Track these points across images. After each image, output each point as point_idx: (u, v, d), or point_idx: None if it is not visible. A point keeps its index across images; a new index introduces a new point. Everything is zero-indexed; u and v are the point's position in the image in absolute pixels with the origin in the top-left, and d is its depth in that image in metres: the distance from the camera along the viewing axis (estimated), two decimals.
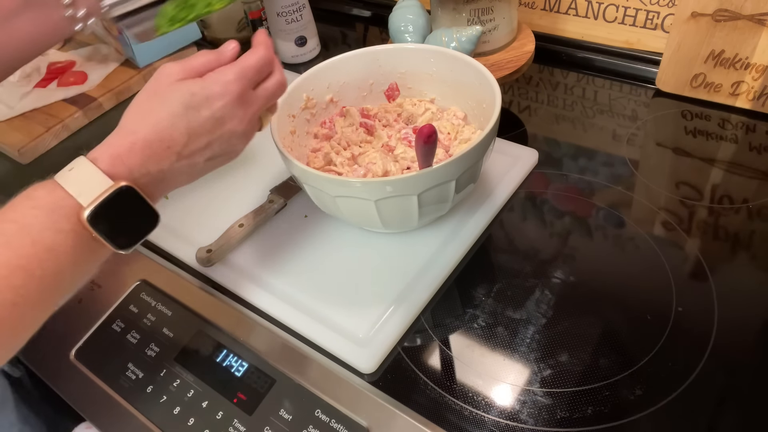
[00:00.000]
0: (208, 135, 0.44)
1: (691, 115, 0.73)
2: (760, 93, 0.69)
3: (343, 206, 0.53)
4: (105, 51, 0.96)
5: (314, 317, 0.53)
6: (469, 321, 0.53)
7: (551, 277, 0.55)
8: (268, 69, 0.47)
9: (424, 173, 0.49)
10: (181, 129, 0.42)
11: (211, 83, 0.43)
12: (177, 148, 0.43)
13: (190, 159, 0.44)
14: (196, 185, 0.49)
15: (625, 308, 0.53)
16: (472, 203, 0.61)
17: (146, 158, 0.42)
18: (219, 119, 0.44)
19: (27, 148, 0.80)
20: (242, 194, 0.66)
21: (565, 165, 0.68)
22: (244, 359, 0.52)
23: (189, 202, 0.66)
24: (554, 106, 0.78)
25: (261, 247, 0.61)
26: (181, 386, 0.52)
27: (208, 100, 0.43)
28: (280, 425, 0.47)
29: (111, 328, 0.57)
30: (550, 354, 0.50)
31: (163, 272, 0.60)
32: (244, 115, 0.45)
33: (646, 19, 0.78)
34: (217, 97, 0.43)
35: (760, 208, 0.59)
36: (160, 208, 0.44)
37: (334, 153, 0.61)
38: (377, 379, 0.50)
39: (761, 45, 0.67)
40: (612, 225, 0.60)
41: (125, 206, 0.41)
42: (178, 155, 0.43)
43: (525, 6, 0.86)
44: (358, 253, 0.59)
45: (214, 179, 0.69)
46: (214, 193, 0.67)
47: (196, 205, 0.66)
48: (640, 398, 0.46)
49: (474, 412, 0.47)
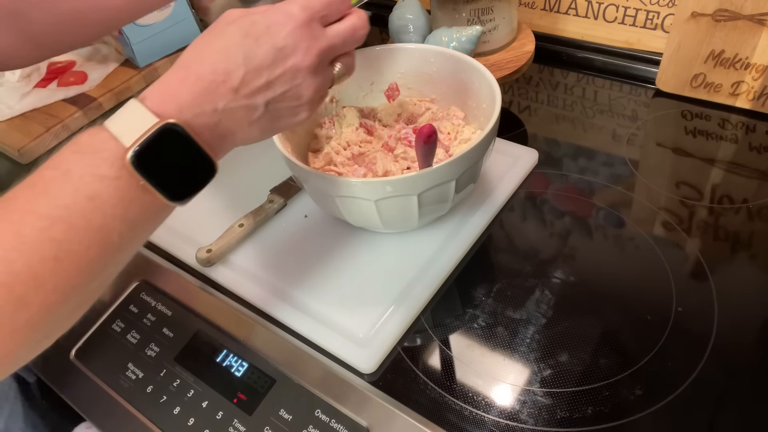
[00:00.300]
0: (268, 70, 0.38)
1: (691, 115, 0.73)
2: (760, 93, 0.69)
3: (343, 206, 0.53)
4: (105, 51, 0.96)
5: (314, 317, 0.53)
6: (469, 321, 0.53)
7: (551, 277, 0.55)
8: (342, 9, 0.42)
9: (424, 173, 0.49)
10: (238, 60, 0.37)
11: (273, 11, 0.39)
12: (233, 83, 0.37)
13: (249, 99, 0.38)
14: None
15: (625, 308, 0.53)
16: (472, 203, 0.61)
17: (198, 94, 0.37)
18: (281, 50, 0.38)
19: (27, 148, 0.80)
20: (242, 194, 0.66)
21: (565, 165, 0.68)
22: (244, 359, 0.52)
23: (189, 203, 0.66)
24: (554, 106, 0.78)
25: (261, 247, 0.61)
26: (181, 386, 0.52)
27: (269, 29, 0.38)
28: (280, 425, 0.47)
29: (111, 328, 0.57)
30: (550, 354, 0.50)
31: (163, 272, 0.60)
32: (310, 49, 0.40)
33: (646, 19, 0.78)
34: (280, 24, 0.39)
35: (760, 208, 0.59)
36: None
37: (334, 153, 0.61)
38: (377, 379, 0.50)
39: (761, 45, 0.67)
40: (612, 225, 0.60)
41: (174, 149, 0.36)
42: (234, 92, 0.38)
43: (525, 6, 0.86)
44: (358, 253, 0.59)
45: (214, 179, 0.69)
46: (214, 193, 0.67)
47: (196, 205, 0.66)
48: (640, 398, 0.46)
49: (474, 412, 0.47)
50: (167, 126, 0.35)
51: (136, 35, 0.88)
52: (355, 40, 0.43)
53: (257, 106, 0.39)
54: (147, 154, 0.34)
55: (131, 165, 0.34)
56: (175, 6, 0.90)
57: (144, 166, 0.35)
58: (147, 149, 0.34)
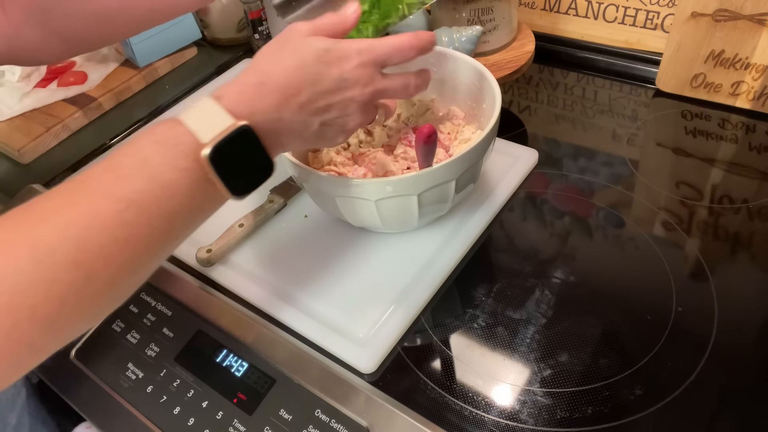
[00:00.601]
0: (330, 95, 0.43)
1: (691, 115, 0.73)
2: (760, 93, 0.69)
3: (343, 206, 0.53)
4: (105, 51, 0.96)
5: (314, 317, 0.53)
6: (469, 321, 0.53)
7: (551, 277, 0.55)
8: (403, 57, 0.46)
9: (424, 173, 0.49)
10: (309, 80, 0.41)
11: (346, 45, 0.43)
12: (301, 99, 0.41)
13: (308, 116, 0.42)
14: None
15: (625, 308, 0.53)
16: (472, 203, 0.61)
17: (271, 102, 0.40)
18: (344, 81, 0.43)
19: (27, 148, 0.80)
20: None
21: (565, 165, 0.68)
22: (244, 359, 0.52)
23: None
24: (554, 106, 0.78)
25: (261, 247, 0.61)
26: (181, 386, 0.52)
27: (339, 59, 0.42)
28: (280, 425, 0.47)
29: (111, 328, 0.57)
30: (550, 354, 0.50)
31: (163, 272, 0.60)
32: (366, 87, 0.44)
33: (646, 19, 0.78)
34: (349, 58, 0.43)
35: (760, 208, 0.59)
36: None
37: (334, 153, 0.61)
38: (377, 379, 0.50)
39: (761, 45, 0.67)
40: (612, 225, 0.60)
41: (244, 149, 0.39)
42: (299, 107, 0.41)
43: (525, 6, 0.86)
44: (358, 253, 0.59)
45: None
46: None
47: None
48: (640, 398, 0.46)
49: (474, 412, 0.47)
50: (242, 128, 0.38)
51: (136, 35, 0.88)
52: (404, 94, 0.48)
53: (312, 124, 0.43)
54: (220, 151, 0.37)
55: (206, 160, 0.37)
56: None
57: (215, 162, 0.37)
58: (221, 148, 0.37)
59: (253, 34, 0.92)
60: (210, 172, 0.37)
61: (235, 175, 0.39)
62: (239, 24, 0.98)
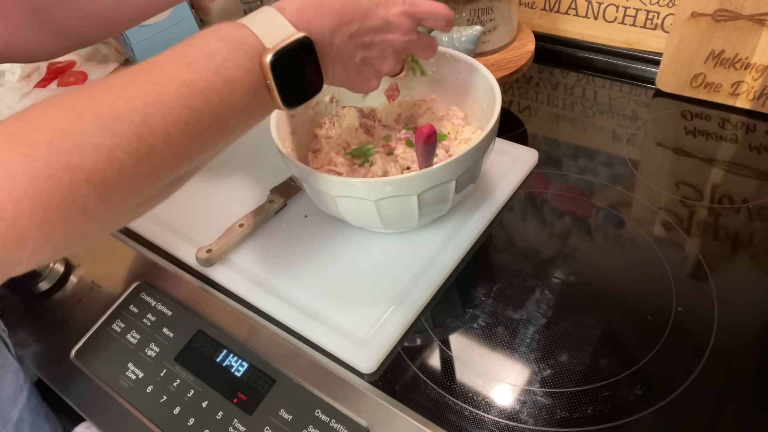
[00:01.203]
0: (375, 33, 0.46)
1: (691, 115, 0.73)
2: (760, 93, 0.69)
3: (343, 206, 0.53)
4: (105, 51, 0.96)
5: (314, 317, 0.53)
6: (469, 321, 0.53)
7: (551, 277, 0.55)
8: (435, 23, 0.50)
9: (424, 173, 0.49)
10: (361, 13, 0.44)
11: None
12: (352, 29, 0.44)
13: (355, 47, 0.45)
14: (197, 185, 0.49)
15: (625, 308, 0.53)
16: (472, 203, 0.61)
17: (328, 24, 0.42)
18: (389, 23, 0.46)
19: None
20: (242, 194, 0.66)
21: (565, 165, 0.68)
22: (244, 359, 0.52)
23: (189, 202, 0.66)
24: (554, 106, 0.78)
25: (261, 247, 0.61)
26: (181, 386, 0.52)
27: (387, 3, 0.46)
28: (280, 425, 0.47)
29: (111, 328, 0.57)
30: (550, 354, 0.50)
31: (163, 272, 0.60)
32: (405, 36, 0.47)
33: (646, 19, 0.78)
34: (396, 4, 0.46)
35: (760, 208, 0.59)
36: (162, 209, 0.43)
37: (334, 153, 0.61)
38: (377, 379, 0.50)
39: (761, 45, 0.67)
40: (612, 225, 0.60)
41: (301, 60, 0.41)
42: (350, 36, 0.44)
43: (525, 6, 0.86)
44: (358, 253, 0.59)
45: (214, 179, 0.69)
46: (214, 193, 0.67)
47: (196, 205, 0.66)
48: (640, 398, 0.46)
49: (474, 412, 0.47)
50: (304, 40, 0.40)
51: (136, 35, 0.88)
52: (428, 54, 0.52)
53: (356, 56, 0.46)
54: (281, 58, 0.39)
55: (268, 64, 0.38)
56: (175, 6, 0.90)
57: (275, 69, 0.39)
58: (282, 55, 0.39)
59: None
60: (269, 76, 0.39)
61: (289, 84, 0.40)
62: None
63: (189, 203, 0.66)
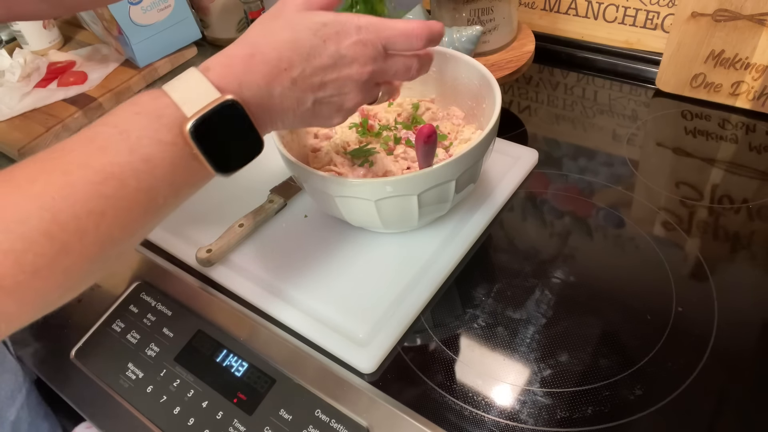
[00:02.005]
0: (325, 72, 0.41)
1: (691, 115, 0.73)
2: (760, 93, 0.69)
3: (343, 206, 0.53)
4: (105, 51, 0.96)
5: (314, 317, 0.53)
6: (469, 321, 0.53)
7: (551, 277, 0.55)
8: (409, 45, 0.44)
9: (424, 173, 0.49)
10: (303, 54, 0.40)
11: (346, 20, 0.41)
12: (294, 73, 0.40)
13: (302, 92, 0.41)
14: None
15: (624, 308, 0.53)
16: (472, 203, 0.61)
17: (261, 76, 0.39)
18: (342, 58, 0.41)
19: (27, 148, 0.80)
20: (242, 194, 0.66)
21: (565, 165, 0.68)
22: (244, 359, 0.52)
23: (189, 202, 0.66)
24: (554, 106, 0.78)
25: (261, 247, 0.61)
26: (181, 386, 0.52)
27: (338, 34, 0.41)
28: (280, 425, 0.47)
29: (111, 328, 0.57)
30: (550, 354, 0.50)
31: (163, 272, 0.60)
32: (365, 67, 0.42)
33: (646, 19, 0.78)
34: (348, 35, 0.41)
35: (760, 208, 0.59)
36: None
37: (334, 153, 0.61)
38: (377, 379, 0.50)
39: (761, 45, 0.67)
40: (612, 225, 0.60)
41: (230, 123, 0.37)
42: (292, 81, 0.40)
43: (525, 6, 0.86)
44: (358, 253, 0.59)
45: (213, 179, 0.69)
46: (214, 193, 0.67)
47: (196, 205, 0.66)
48: (640, 398, 0.46)
49: (474, 412, 0.47)
50: (228, 102, 0.37)
51: (136, 35, 0.88)
52: (405, 77, 0.46)
53: (306, 101, 0.41)
54: (205, 125, 0.36)
55: (189, 134, 0.36)
56: (175, 6, 0.90)
57: (200, 137, 0.36)
58: (206, 121, 0.36)
59: None
60: (194, 147, 0.36)
61: (221, 152, 0.38)
62: (239, 24, 0.98)
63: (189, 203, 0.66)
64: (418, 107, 0.65)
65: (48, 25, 0.97)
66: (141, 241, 0.39)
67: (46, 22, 0.97)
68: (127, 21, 0.86)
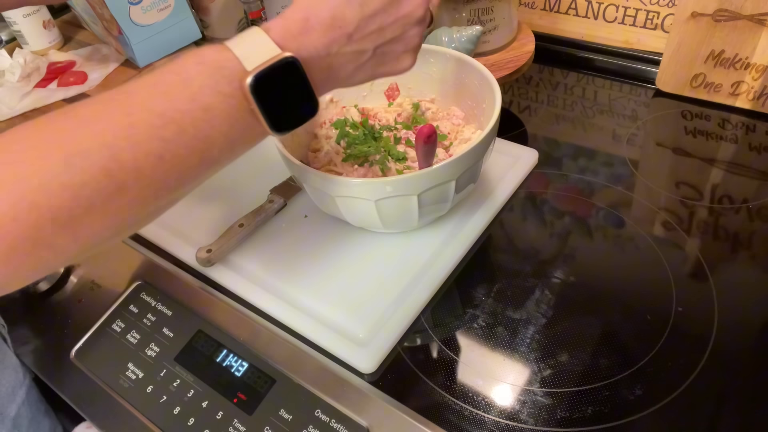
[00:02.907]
0: (382, 15, 0.41)
1: (691, 115, 0.73)
2: (760, 93, 0.69)
3: (343, 206, 0.53)
4: (105, 51, 0.96)
5: (314, 317, 0.53)
6: (469, 321, 0.53)
7: (551, 277, 0.55)
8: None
9: (424, 173, 0.49)
10: (355, 7, 0.39)
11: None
12: (348, 29, 0.40)
13: (360, 44, 0.41)
14: None
15: (625, 308, 0.53)
16: (472, 203, 0.61)
17: (317, 37, 0.39)
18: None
19: None
20: (242, 194, 0.66)
21: (565, 165, 0.68)
22: (244, 359, 0.52)
23: (189, 202, 0.66)
24: (554, 106, 0.78)
25: (261, 247, 0.61)
26: (181, 386, 0.52)
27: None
28: (280, 425, 0.47)
29: (111, 328, 0.57)
30: (550, 354, 0.50)
31: (163, 272, 0.60)
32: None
33: (646, 19, 0.78)
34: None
35: (760, 208, 0.59)
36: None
37: (334, 153, 0.61)
38: (377, 379, 0.50)
39: (761, 45, 0.67)
40: (612, 225, 0.60)
41: (288, 82, 0.38)
42: (348, 37, 0.40)
43: (525, 6, 0.86)
44: (358, 253, 0.59)
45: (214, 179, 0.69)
46: (214, 193, 0.67)
47: (196, 205, 0.66)
48: (640, 398, 0.46)
49: (474, 412, 0.47)
50: (288, 59, 0.37)
51: (136, 35, 0.88)
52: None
53: (366, 51, 0.41)
54: (264, 81, 0.36)
55: (248, 89, 0.36)
56: (175, 6, 0.90)
57: (258, 92, 0.36)
58: (265, 77, 0.36)
59: None
60: (252, 101, 0.36)
61: (277, 108, 0.38)
62: (239, 24, 0.98)
63: (189, 203, 0.66)
64: (418, 107, 0.65)
65: (48, 25, 0.97)
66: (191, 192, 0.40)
67: (46, 22, 0.97)
68: (127, 21, 0.86)
